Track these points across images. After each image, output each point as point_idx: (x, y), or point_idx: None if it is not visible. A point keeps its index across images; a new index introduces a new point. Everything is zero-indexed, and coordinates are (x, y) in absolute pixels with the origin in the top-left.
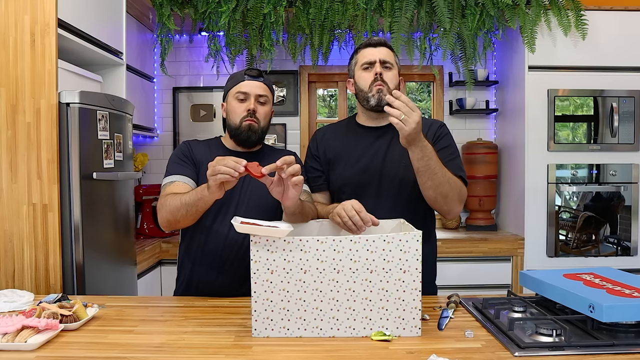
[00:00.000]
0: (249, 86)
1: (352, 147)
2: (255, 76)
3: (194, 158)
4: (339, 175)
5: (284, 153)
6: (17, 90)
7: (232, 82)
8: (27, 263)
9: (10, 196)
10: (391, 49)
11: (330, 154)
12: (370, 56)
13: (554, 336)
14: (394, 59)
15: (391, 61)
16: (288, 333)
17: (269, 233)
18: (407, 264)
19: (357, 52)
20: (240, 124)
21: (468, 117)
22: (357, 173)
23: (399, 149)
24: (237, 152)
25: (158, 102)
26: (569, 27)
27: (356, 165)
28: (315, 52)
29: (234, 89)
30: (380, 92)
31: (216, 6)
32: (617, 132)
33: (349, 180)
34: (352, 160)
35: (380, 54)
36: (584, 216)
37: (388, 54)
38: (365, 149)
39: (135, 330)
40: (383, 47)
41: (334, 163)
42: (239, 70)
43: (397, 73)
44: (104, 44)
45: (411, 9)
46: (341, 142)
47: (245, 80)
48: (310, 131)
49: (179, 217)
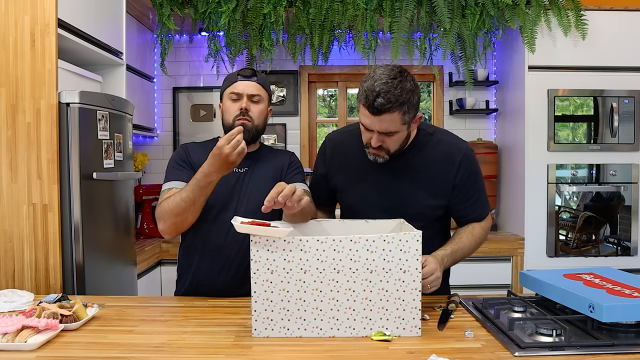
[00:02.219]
0: (241, 86)
1: (364, 171)
2: (248, 76)
3: (191, 161)
4: (347, 198)
5: (282, 154)
6: (17, 90)
7: (226, 83)
8: (27, 263)
9: (10, 196)
10: (399, 108)
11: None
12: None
13: (554, 336)
14: (400, 121)
15: (393, 129)
16: (288, 333)
17: (269, 233)
18: (407, 264)
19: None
20: (233, 122)
21: (468, 117)
22: (366, 202)
23: (412, 177)
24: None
25: (158, 102)
26: (569, 27)
27: (366, 194)
28: (315, 52)
29: (228, 89)
30: (377, 155)
31: (216, 6)
32: (617, 132)
33: (358, 209)
34: (363, 187)
35: (379, 126)
36: (584, 216)
37: (392, 121)
38: (377, 174)
39: (135, 330)
40: (386, 114)
41: (345, 184)
42: (232, 73)
43: (403, 134)
44: (104, 44)
45: (411, 9)
46: (354, 164)
47: (238, 80)
48: (311, 131)
49: (186, 214)
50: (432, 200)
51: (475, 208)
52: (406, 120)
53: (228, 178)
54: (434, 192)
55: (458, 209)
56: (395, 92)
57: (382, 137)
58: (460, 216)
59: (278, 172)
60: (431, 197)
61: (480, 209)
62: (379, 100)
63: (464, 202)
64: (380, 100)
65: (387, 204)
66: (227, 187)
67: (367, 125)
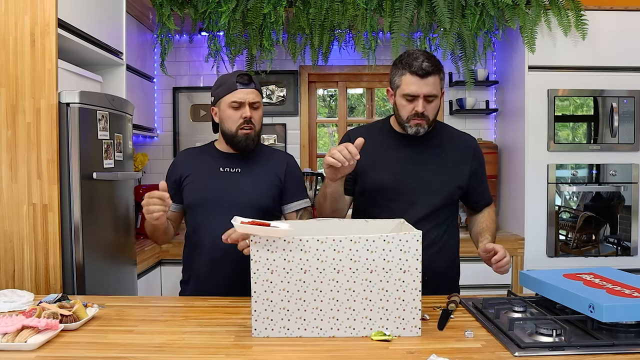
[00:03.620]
0: (242, 94)
1: (388, 153)
2: (247, 83)
3: (177, 175)
4: (372, 179)
5: (278, 155)
6: (17, 90)
7: (223, 89)
8: (27, 263)
9: (10, 196)
10: (438, 72)
11: (365, 158)
12: (415, 89)
13: (554, 336)
14: (439, 85)
15: (435, 92)
16: (288, 333)
17: (269, 233)
18: (407, 264)
19: (403, 73)
20: (236, 132)
21: (468, 117)
22: (393, 179)
23: (433, 157)
24: (232, 154)
25: (158, 102)
26: (569, 27)
27: (393, 171)
28: (315, 52)
29: (227, 97)
30: (419, 126)
31: (216, 6)
32: (617, 132)
33: (385, 185)
34: (389, 165)
35: (425, 89)
36: (584, 216)
37: (434, 84)
38: (401, 154)
39: (135, 330)
40: (430, 77)
41: (368, 167)
42: (228, 75)
43: (439, 100)
44: (104, 44)
45: (411, 9)
46: (377, 148)
47: (238, 88)
48: (311, 131)
49: (154, 238)
50: (454, 180)
51: (486, 192)
52: (442, 87)
53: (220, 177)
54: (454, 173)
55: (475, 193)
56: (434, 58)
57: (425, 103)
58: (476, 200)
59: (274, 176)
60: (451, 177)
61: (489, 193)
62: (425, 64)
63: (479, 187)
64: (427, 64)
65: (412, 182)
66: (219, 186)
67: (414, 91)
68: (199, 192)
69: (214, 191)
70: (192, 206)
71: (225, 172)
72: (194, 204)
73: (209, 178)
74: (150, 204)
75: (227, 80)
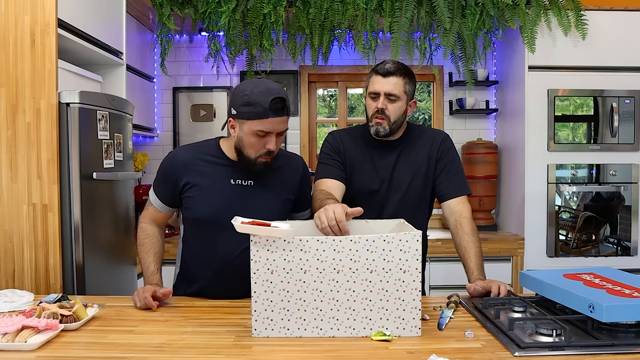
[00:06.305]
0: (272, 124)
1: (367, 157)
2: (280, 112)
3: (175, 179)
4: (354, 182)
5: (292, 161)
6: (17, 90)
7: (251, 113)
8: (27, 263)
9: (10, 196)
10: (402, 75)
11: (348, 159)
12: (377, 87)
13: (554, 336)
14: (402, 88)
15: (397, 92)
16: (288, 333)
17: (269, 233)
18: (407, 264)
19: (371, 75)
20: (255, 160)
21: (468, 117)
22: (369, 181)
23: (406, 161)
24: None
25: (158, 102)
26: (569, 27)
27: (370, 174)
28: (315, 52)
29: (254, 123)
30: (379, 125)
31: (216, 6)
32: (617, 132)
33: (363, 188)
34: (367, 169)
35: (387, 87)
36: (584, 216)
37: (396, 84)
38: (379, 158)
39: (135, 330)
40: (392, 77)
41: (351, 169)
42: (260, 93)
43: (402, 104)
44: (104, 44)
45: (411, 8)
46: (358, 152)
47: (269, 117)
48: (311, 131)
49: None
50: (421, 175)
51: (454, 181)
52: (407, 90)
53: (231, 192)
54: (421, 169)
55: (439, 181)
56: (401, 64)
57: (386, 101)
58: (442, 189)
59: (288, 188)
60: (419, 174)
61: (459, 183)
62: (389, 65)
63: (445, 175)
64: (390, 65)
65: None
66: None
67: (376, 89)
68: (208, 207)
69: (225, 209)
70: (200, 222)
71: (237, 185)
72: (203, 220)
73: (220, 193)
74: (148, 299)
75: (259, 101)
